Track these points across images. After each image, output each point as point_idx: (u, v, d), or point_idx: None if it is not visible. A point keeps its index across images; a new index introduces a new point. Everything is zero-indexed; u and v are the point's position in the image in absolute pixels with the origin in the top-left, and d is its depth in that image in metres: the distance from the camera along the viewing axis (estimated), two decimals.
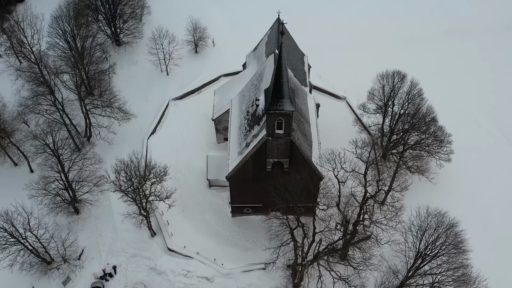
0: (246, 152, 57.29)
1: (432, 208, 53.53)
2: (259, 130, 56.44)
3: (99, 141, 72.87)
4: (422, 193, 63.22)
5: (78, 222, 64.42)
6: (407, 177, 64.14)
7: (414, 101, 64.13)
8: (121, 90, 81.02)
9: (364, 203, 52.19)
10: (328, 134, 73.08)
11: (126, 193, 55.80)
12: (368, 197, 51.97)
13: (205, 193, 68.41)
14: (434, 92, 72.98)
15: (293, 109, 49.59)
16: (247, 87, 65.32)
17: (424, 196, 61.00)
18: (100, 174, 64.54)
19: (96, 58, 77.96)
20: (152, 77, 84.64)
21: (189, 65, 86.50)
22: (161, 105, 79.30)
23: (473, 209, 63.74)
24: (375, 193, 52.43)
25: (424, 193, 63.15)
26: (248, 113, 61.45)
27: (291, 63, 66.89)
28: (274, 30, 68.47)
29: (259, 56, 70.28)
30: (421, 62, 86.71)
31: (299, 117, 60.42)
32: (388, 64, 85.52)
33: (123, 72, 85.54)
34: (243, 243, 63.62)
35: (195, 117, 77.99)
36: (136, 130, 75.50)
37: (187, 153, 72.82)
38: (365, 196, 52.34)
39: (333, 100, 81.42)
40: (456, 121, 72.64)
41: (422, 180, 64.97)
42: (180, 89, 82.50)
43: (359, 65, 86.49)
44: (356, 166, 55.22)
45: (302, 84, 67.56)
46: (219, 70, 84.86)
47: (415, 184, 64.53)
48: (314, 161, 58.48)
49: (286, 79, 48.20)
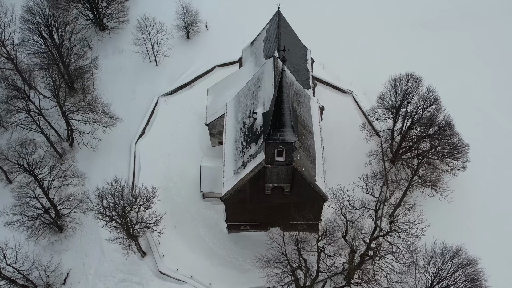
0: (242, 174, 51.58)
1: (446, 239, 48.77)
2: (257, 150, 50.42)
3: (83, 147, 66.67)
4: (432, 211, 57.74)
5: (62, 242, 59.50)
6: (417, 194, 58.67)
7: (429, 108, 57.63)
8: (106, 85, 74.32)
9: (373, 239, 47.13)
10: (333, 134, 67.28)
11: (110, 220, 50.61)
12: (378, 235, 46.80)
13: (198, 205, 63.14)
14: (446, 83, 66.80)
15: (295, 138, 43.37)
16: (243, 92, 58.59)
17: (435, 216, 56.17)
18: (80, 197, 58.78)
19: (77, 50, 70.52)
20: (139, 69, 77.07)
21: (180, 54, 78.72)
22: (150, 102, 72.46)
23: (491, 236, 58.24)
24: (387, 232, 47.16)
25: (434, 212, 57.85)
26: (244, 125, 55.16)
27: (293, 64, 59.90)
28: (273, 25, 60.86)
29: (256, 54, 62.95)
30: (431, 49, 79.16)
31: (301, 129, 54.13)
32: (395, 52, 78.98)
33: (108, 62, 77.89)
34: (240, 263, 59.09)
35: (187, 116, 71.40)
36: (123, 132, 69.22)
37: (179, 159, 66.91)
38: (374, 232, 47.18)
39: (338, 95, 74.41)
40: (467, 118, 65.88)
41: (435, 197, 59.30)
42: (170, 82, 75.31)
43: (365, 53, 78.99)
44: (366, 199, 49.71)
45: (305, 86, 60.75)
46: (213, 59, 77.31)
47: (423, 200, 59.14)
48: (318, 179, 52.96)
49: (288, 107, 41.61)
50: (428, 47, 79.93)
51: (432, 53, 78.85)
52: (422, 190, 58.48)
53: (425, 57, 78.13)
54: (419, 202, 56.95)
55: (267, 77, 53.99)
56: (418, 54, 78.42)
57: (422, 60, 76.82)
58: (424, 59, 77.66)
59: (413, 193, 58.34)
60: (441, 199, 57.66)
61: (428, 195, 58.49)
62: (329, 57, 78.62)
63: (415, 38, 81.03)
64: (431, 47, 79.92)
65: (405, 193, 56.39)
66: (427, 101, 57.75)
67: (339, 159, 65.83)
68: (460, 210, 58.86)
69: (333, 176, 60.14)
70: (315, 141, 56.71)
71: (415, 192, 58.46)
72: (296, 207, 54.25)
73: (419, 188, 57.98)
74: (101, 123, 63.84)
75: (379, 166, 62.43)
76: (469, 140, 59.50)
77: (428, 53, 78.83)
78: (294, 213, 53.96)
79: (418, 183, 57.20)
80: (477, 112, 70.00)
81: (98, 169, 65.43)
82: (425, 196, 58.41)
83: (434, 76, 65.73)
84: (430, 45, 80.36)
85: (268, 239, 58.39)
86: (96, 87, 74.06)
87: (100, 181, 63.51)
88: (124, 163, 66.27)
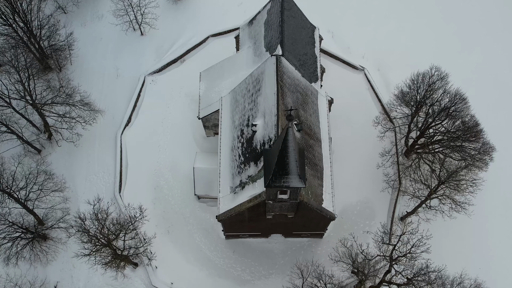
0: (240, 197, 45.60)
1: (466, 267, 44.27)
2: (257, 174, 43.97)
3: (63, 142, 59.63)
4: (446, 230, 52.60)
5: (47, 252, 54.86)
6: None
7: (456, 112, 50.09)
8: (85, 61, 65.47)
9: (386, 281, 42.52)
10: (341, 119, 60.33)
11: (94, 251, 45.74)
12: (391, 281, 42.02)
13: (193, 206, 57.76)
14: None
15: (303, 185, 36.80)
16: (241, 89, 50.69)
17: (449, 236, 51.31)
18: (61, 215, 53.13)
19: (48, 22, 60.86)
20: (122, 39, 67.31)
21: (168, 21, 68.50)
22: (136, 82, 63.99)
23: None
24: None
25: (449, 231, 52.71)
26: (242, 133, 48.15)
27: (299, 55, 51.40)
28: (276, 7, 51.02)
29: (256, 38, 53.72)
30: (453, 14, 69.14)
31: (308, 140, 47.31)
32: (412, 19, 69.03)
33: (86, 31, 67.93)
34: (239, 273, 55.17)
35: (178, 98, 63.49)
36: (107, 120, 61.68)
37: (171, 151, 60.39)
38: (386, 275, 42.38)
39: (348, 72, 65.69)
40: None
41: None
42: (158, 57, 66.18)
43: (380, 17, 69.29)
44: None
45: (312, 79, 52.60)
46: (205, 28, 67.43)
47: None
48: (325, 196, 47.22)
49: (293, 158, 34.52)
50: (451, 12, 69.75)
51: (456, 20, 69.02)
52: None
53: (448, 24, 68.62)
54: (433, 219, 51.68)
55: (268, 81, 46.05)
56: (439, 21, 68.77)
57: (444, 28, 67.70)
58: (447, 26, 68.29)
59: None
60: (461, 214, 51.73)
61: (447, 212, 51.76)
62: (339, 23, 68.94)
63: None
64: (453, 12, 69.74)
65: (419, 205, 50.94)
66: (453, 101, 50.08)
67: (347, 149, 59.47)
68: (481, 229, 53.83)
69: (341, 170, 55.09)
70: (323, 148, 49.98)
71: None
72: (300, 224, 49.36)
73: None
74: (80, 119, 56.22)
75: (393, 168, 56.22)
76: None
77: (452, 19, 68.99)
78: (298, 228, 49.31)
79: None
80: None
81: (81, 166, 59.17)
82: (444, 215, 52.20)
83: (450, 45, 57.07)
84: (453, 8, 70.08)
85: (269, 247, 54.87)
86: (73, 62, 65.25)
87: (84, 181, 58.49)
88: (110, 158, 59.84)
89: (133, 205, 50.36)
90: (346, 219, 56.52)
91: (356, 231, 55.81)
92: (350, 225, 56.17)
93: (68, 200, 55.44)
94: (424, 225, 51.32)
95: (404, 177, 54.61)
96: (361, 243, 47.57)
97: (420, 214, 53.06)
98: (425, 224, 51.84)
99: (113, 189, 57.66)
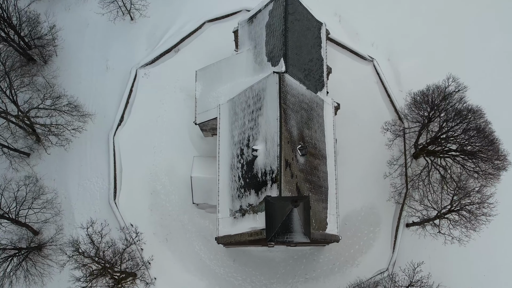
0: (240, 224, 43.32)
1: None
2: (258, 205, 41.33)
3: (52, 147, 56.25)
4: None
5: (43, 274, 52.58)
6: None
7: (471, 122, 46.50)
8: (71, 52, 60.67)
9: None
10: (346, 115, 56.60)
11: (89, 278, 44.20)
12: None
13: (191, 212, 55.67)
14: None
15: (307, 240, 34.30)
16: (240, 101, 46.74)
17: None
18: (54, 228, 50.86)
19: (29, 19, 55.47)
20: (111, 27, 61.58)
21: (160, 4, 62.40)
22: (127, 76, 59.41)
23: None
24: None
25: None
26: (242, 153, 44.96)
27: (303, 64, 46.69)
28: (278, 10, 45.62)
29: (256, 41, 48.64)
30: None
31: (313, 161, 44.26)
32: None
33: (71, 16, 62.03)
34: (240, 283, 54.23)
35: (173, 93, 59.24)
36: (99, 119, 57.90)
37: (167, 153, 57.23)
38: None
39: (355, 62, 60.81)
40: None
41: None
42: (150, 46, 61.00)
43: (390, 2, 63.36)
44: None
45: (318, 88, 48.35)
46: (201, 12, 61.60)
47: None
48: (330, 219, 44.99)
49: (298, 223, 31.68)
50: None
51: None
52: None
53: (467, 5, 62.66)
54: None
55: (270, 102, 42.34)
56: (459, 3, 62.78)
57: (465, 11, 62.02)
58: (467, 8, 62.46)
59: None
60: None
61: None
62: (347, 5, 63.02)
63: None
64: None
65: (427, 221, 48.79)
66: (469, 115, 46.34)
67: (352, 150, 56.54)
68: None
69: (345, 173, 53.02)
70: (328, 165, 46.94)
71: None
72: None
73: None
74: (69, 127, 52.56)
75: (401, 179, 53.40)
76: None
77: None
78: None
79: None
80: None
81: (73, 170, 56.20)
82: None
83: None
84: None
85: (270, 256, 53.53)
86: (59, 54, 60.26)
87: (77, 186, 55.90)
88: (103, 161, 56.81)
89: (128, 220, 47.90)
90: (350, 225, 54.77)
91: (360, 238, 54.52)
92: (354, 231, 54.59)
93: (61, 212, 53.12)
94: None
95: (412, 189, 51.88)
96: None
97: (427, 227, 51.06)
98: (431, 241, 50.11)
99: (107, 196, 55.34)
